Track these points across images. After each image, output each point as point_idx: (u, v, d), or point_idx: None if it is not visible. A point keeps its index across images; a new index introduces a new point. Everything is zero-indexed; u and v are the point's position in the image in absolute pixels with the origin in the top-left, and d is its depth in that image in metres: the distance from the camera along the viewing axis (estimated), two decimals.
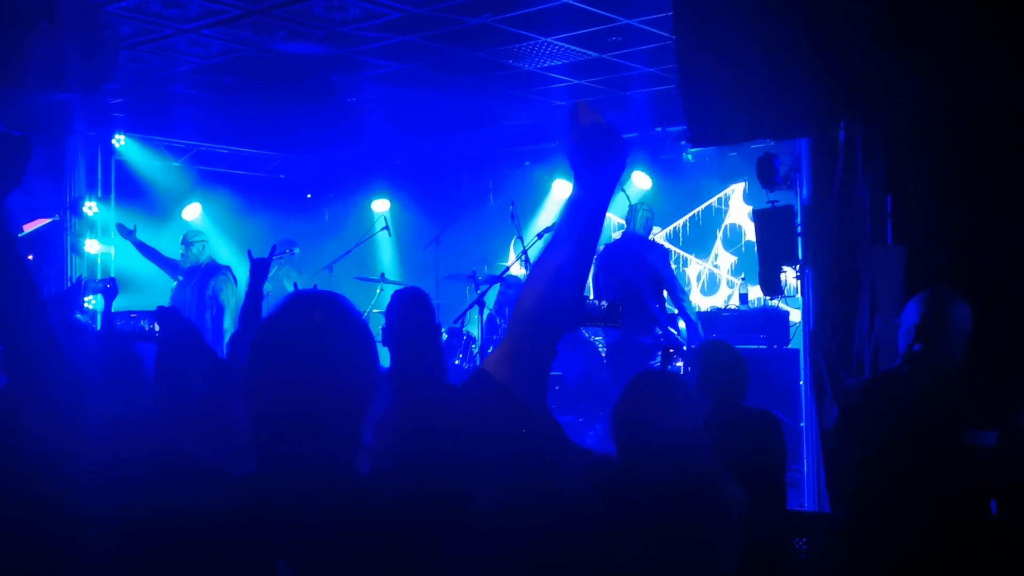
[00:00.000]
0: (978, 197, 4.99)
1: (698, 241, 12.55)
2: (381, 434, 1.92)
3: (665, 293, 8.52)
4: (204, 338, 3.80)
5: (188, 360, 3.49)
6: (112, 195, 11.16)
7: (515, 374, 1.84)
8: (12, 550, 2.48)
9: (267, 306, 5.61)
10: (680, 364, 7.28)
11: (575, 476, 3.13)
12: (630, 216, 8.98)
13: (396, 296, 4.05)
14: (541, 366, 1.89)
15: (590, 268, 1.94)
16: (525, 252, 9.86)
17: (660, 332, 8.38)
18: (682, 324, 8.63)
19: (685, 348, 8.35)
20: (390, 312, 3.99)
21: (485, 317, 10.22)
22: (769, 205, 6.35)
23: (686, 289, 12.22)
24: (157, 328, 3.87)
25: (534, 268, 1.94)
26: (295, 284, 7.21)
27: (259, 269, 4.70)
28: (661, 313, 8.44)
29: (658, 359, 7.38)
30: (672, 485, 3.09)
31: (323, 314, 1.87)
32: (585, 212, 1.91)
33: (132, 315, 4.36)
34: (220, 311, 8.81)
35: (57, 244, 10.54)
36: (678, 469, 3.12)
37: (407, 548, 1.77)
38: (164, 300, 9.08)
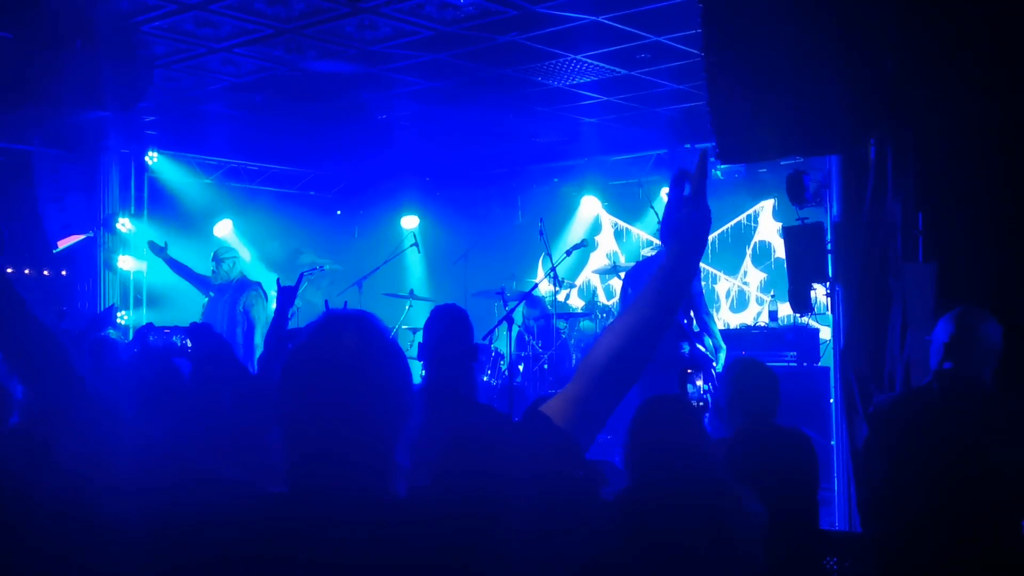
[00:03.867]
0: (1010, 213, 4.95)
1: (727, 258, 12.50)
2: (417, 452, 1.91)
3: (692, 312, 8.48)
4: (235, 354, 3.83)
5: (220, 375, 3.52)
6: (145, 211, 11.29)
7: (576, 420, 1.89)
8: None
9: (294, 324, 5.63)
10: (700, 383, 7.22)
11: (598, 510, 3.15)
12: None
13: (436, 312, 4.00)
14: (603, 416, 1.97)
15: (664, 333, 2.02)
16: (554, 268, 9.87)
17: (688, 347, 8.32)
18: (709, 341, 8.58)
19: (715, 364, 8.30)
20: (430, 328, 3.96)
21: (514, 334, 10.23)
22: (799, 222, 6.31)
23: (715, 306, 12.22)
24: (189, 344, 3.91)
25: (610, 325, 2.03)
26: (326, 301, 7.24)
27: (285, 297, 4.72)
28: (689, 328, 8.39)
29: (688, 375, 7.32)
30: (687, 507, 3.09)
31: (354, 335, 1.86)
32: (669, 280, 2.01)
33: (165, 331, 4.40)
34: (251, 327, 8.86)
35: (91, 260, 10.65)
36: (691, 491, 3.12)
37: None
38: (196, 316, 9.14)
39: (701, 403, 4.66)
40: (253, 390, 3.50)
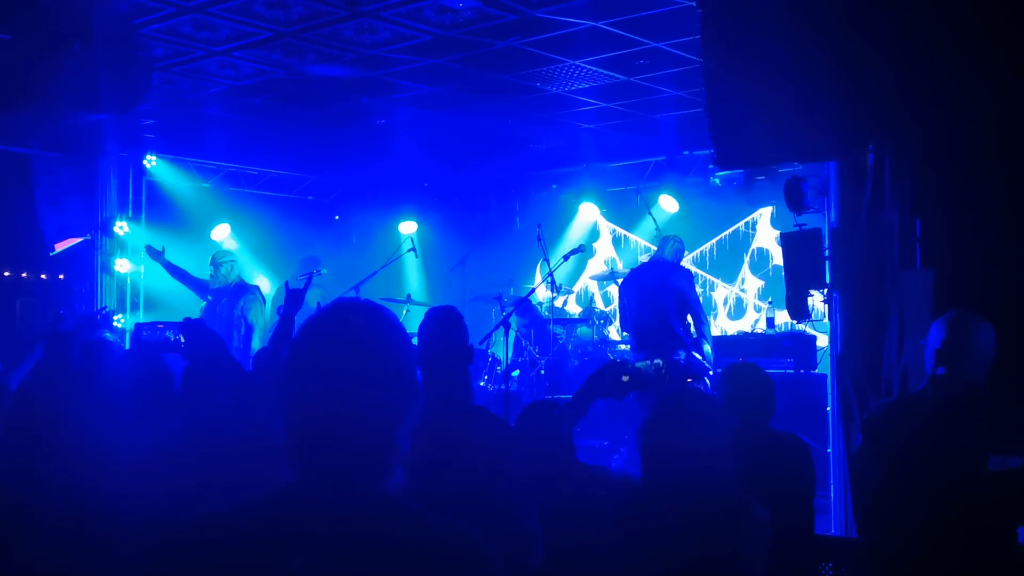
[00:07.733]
0: (1007, 220, 4.95)
1: (725, 265, 12.50)
2: (410, 453, 1.90)
3: (689, 317, 8.47)
4: (229, 350, 3.83)
5: (213, 370, 3.51)
6: (143, 215, 11.28)
7: None
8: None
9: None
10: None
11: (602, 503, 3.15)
12: (660, 245, 9.00)
13: (431, 315, 3.98)
14: None
15: None
16: (551, 274, 9.86)
17: (684, 355, 8.30)
18: (707, 348, 8.56)
19: (711, 373, 8.29)
20: (424, 331, 3.94)
21: (511, 339, 10.21)
22: (797, 229, 6.31)
23: (712, 313, 12.21)
24: (182, 339, 3.92)
25: None
26: (319, 304, 7.23)
27: (293, 298, 4.91)
28: (686, 336, 8.37)
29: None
30: (696, 507, 3.07)
31: (362, 315, 1.89)
32: None
33: (159, 326, 4.43)
34: (249, 331, 8.84)
35: (88, 263, 10.64)
36: (702, 491, 3.10)
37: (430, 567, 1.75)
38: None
39: None
40: (247, 385, 3.49)
